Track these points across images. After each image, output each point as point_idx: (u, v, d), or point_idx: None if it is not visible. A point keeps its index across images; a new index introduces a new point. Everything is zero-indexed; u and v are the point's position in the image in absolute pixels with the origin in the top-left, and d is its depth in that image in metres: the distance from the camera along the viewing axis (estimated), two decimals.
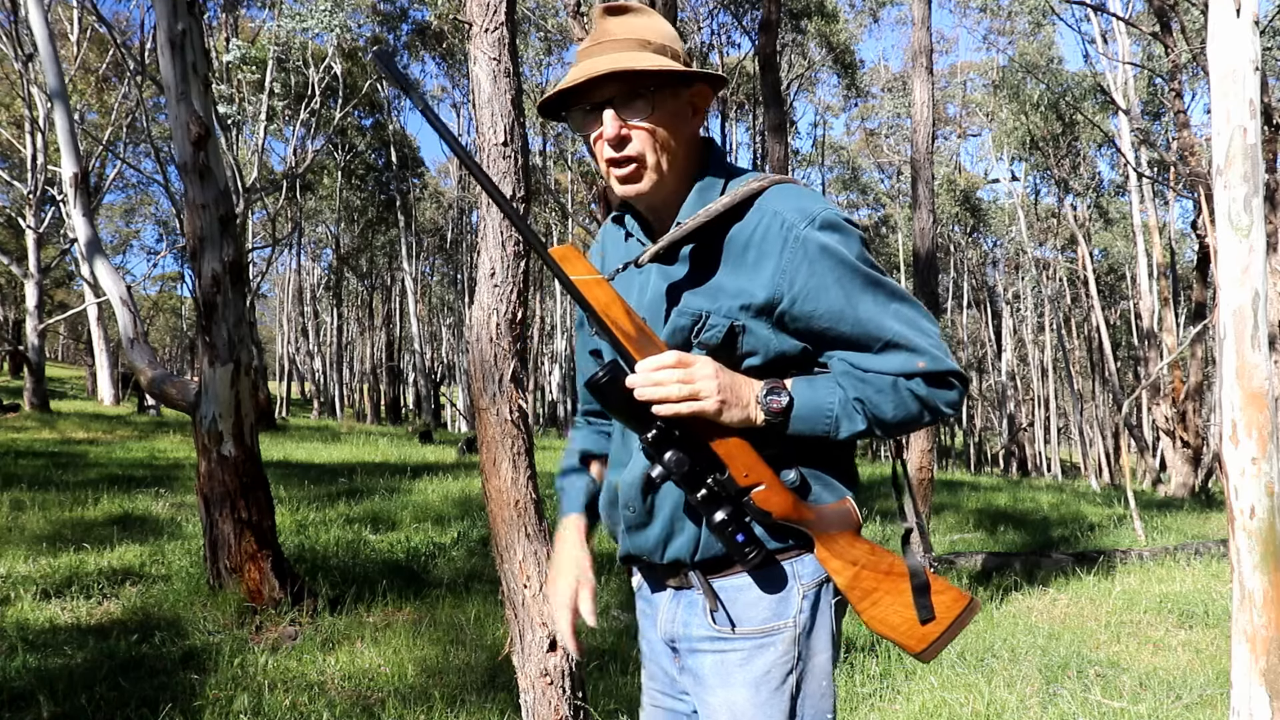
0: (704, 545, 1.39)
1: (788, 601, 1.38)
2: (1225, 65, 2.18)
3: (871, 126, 42.01)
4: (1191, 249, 26.56)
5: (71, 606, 4.73)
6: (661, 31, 1.39)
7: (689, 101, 1.41)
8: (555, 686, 2.69)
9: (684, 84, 1.39)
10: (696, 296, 1.37)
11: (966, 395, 1.38)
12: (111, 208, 38.68)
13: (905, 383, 1.33)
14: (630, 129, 1.36)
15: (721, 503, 1.33)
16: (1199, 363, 17.18)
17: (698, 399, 1.28)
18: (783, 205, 1.35)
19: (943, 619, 1.38)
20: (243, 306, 4.91)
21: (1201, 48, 11.85)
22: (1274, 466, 2.15)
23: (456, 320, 37.88)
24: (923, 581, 1.38)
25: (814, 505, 1.38)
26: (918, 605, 1.37)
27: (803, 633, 1.38)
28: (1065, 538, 8.29)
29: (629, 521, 1.46)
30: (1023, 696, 3.74)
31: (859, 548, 1.38)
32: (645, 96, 1.35)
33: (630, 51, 1.36)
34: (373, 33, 28.78)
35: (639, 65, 1.33)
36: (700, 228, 1.37)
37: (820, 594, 1.40)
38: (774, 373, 1.36)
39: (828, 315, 1.33)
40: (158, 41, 4.87)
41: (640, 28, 1.39)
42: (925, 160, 7.06)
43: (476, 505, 7.89)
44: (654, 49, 1.37)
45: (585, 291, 1.32)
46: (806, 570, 1.39)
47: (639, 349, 1.31)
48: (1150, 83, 21.76)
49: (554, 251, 1.36)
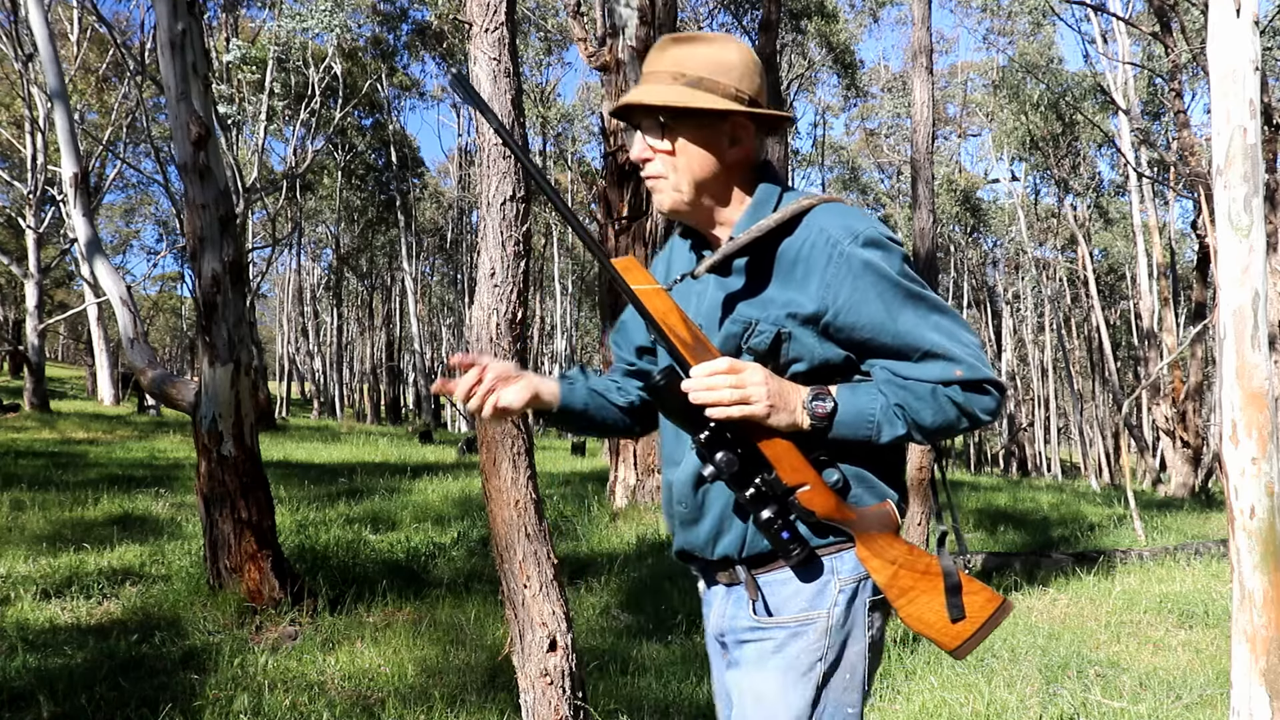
0: (750, 543, 1.48)
1: (824, 595, 1.46)
2: (1225, 65, 2.18)
3: (871, 126, 42.01)
4: (1191, 249, 26.57)
5: (71, 606, 4.73)
6: (706, 63, 1.49)
7: (726, 132, 1.50)
8: (555, 686, 2.69)
9: (717, 117, 1.49)
10: (748, 306, 1.47)
11: (1004, 402, 1.45)
12: (111, 208, 38.70)
13: (944, 390, 1.41)
14: (655, 152, 1.50)
15: (768, 501, 1.41)
16: (1199, 363, 17.19)
17: (748, 403, 1.37)
18: (829, 222, 1.45)
19: (975, 618, 1.46)
20: (243, 306, 4.91)
21: (1201, 48, 11.85)
22: (1274, 466, 2.15)
23: (456, 320, 37.87)
24: (955, 582, 1.46)
25: (855, 506, 1.46)
26: (950, 605, 1.45)
27: (835, 625, 1.46)
28: (1065, 538, 8.29)
29: (681, 517, 1.55)
30: (1023, 696, 3.74)
31: (898, 548, 1.46)
32: (661, 126, 1.49)
33: (660, 85, 1.49)
34: (373, 33, 28.78)
35: (648, 99, 1.47)
36: (752, 242, 1.47)
37: (857, 590, 1.47)
38: (819, 379, 1.45)
39: (869, 327, 1.42)
40: (158, 41, 4.87)
41: (683, 59, 1.50)
42: (925, 160, 7.06)
43: (476, 505, 7.89)
44: (686, 81, 1.48)
45: (645, 300, 1.43)
46: (846, 567, 1.47)
47: (694, 355, 1.41)
48: (1150, 83, 21.76)
49: (616, 262, 1.47)
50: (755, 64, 1.53)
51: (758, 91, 1.52)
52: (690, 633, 4.61)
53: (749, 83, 1.51)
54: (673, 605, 4.95)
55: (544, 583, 2.74)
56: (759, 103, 1.52)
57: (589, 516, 7.67)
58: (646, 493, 7.99)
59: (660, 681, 3.82)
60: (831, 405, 1.40)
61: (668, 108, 1.48)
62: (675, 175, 1.51)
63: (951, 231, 36.38)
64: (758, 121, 1.53)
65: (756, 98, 1.51)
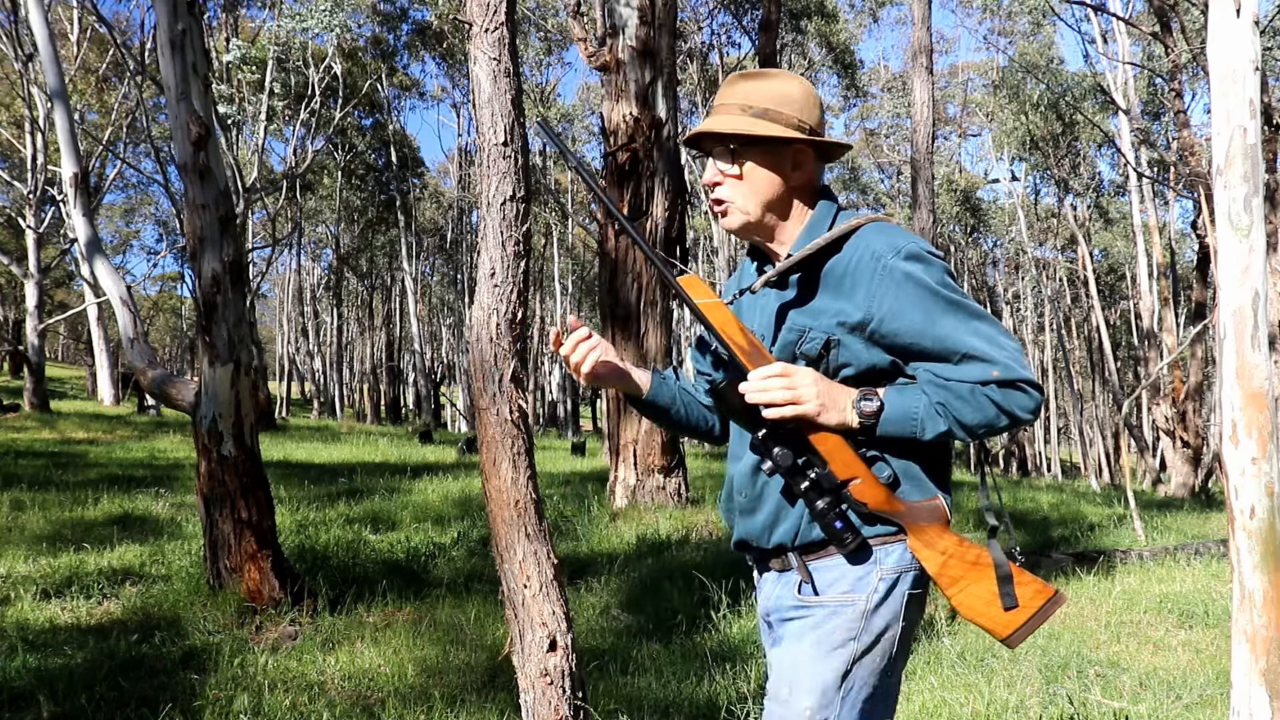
0: (803, 532, 1.61)
1: (866, 580, 1.57)
2: (1225, 65, 2.18)
3: (871, 126, 42.00)
4: (1191, 249, 26.56)
5: (71, 606, 4.73)
6: (771, 95, 1.66)
7: (789, 158, 1.67)
8: (555, 686, 2.69)
9: (780, 143, 1.66)
10: (800, 315, 1.62)
11: (1043, 402, 1.55)
12: (111, 208, 38.71)
13: (983, 389, 1.52)
14: (725, 176, 1.68)
15: (823, 493, 1.55)
16: (1199, 363, 17.18)
17: (799, 403, 1.53)
18: (875, 239, 1.59)
19: (1026, 607, 1.56)
20: (243, 306, 4.90)
21: (1201, 48, 11.85)
22: (1274, 466, 2.15)
23: (456, 320, 37.88)
24: (1006, 573, 1.56)
25: (905, 500, 1.58)
26: (1002, 594, 1.55)
27: (871, 609, 1.57)
28: (1065, 538, 8.29)
29: (741, 508, 1.70)
30: (1023, 696, 3.74)
31: (947, 539, 1.58)
32: (731, 152, 1.67)
33: (729, 115, 1.67)
34: (373, 33, 28.78)
35: (719, 128, 1.65)
36: (806, 258, 1.62)
37: (898, 581, 1.58)
38: (868, 382, 1.58)
39: (910, 333, 1.54)
40: (158, 41, 4.87)
41: (749, 92, 1.67)
42: (925, 160, 7.07)
43: (476, 505, 7.89)
44: (754, 113, 1.65)
45: (707, 314, 1.60)
46: (890, 558, 1.58)
47: (751, 360, 1.58)
48: (1150, 83, 21.76)
49: (681, 280, 1.65)
50: (815, 97, 1.71)
51: (818, 122, 1.69)
52: (690, 633, 4.61)
53: (809, 114, 1.67)
54: (673, 605, 4.95)
55: (544, 583, 2.74)
56: (818, 132, 1.69)
57: (589, 516, 7.67)
58: (646, 493, 7.99)
59: (660, 681, 3.82)
60: (878, 404, 1.53)
61: (737, 135, 1.65)
62: (742, 199, 1.67)
63: (951, 231, 36.37)
64: (817, 148, 1.69)
65: (816, 128, 1.68)
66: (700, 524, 7.21)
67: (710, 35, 29.02)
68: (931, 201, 11.81)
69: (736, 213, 1.69)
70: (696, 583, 5.14)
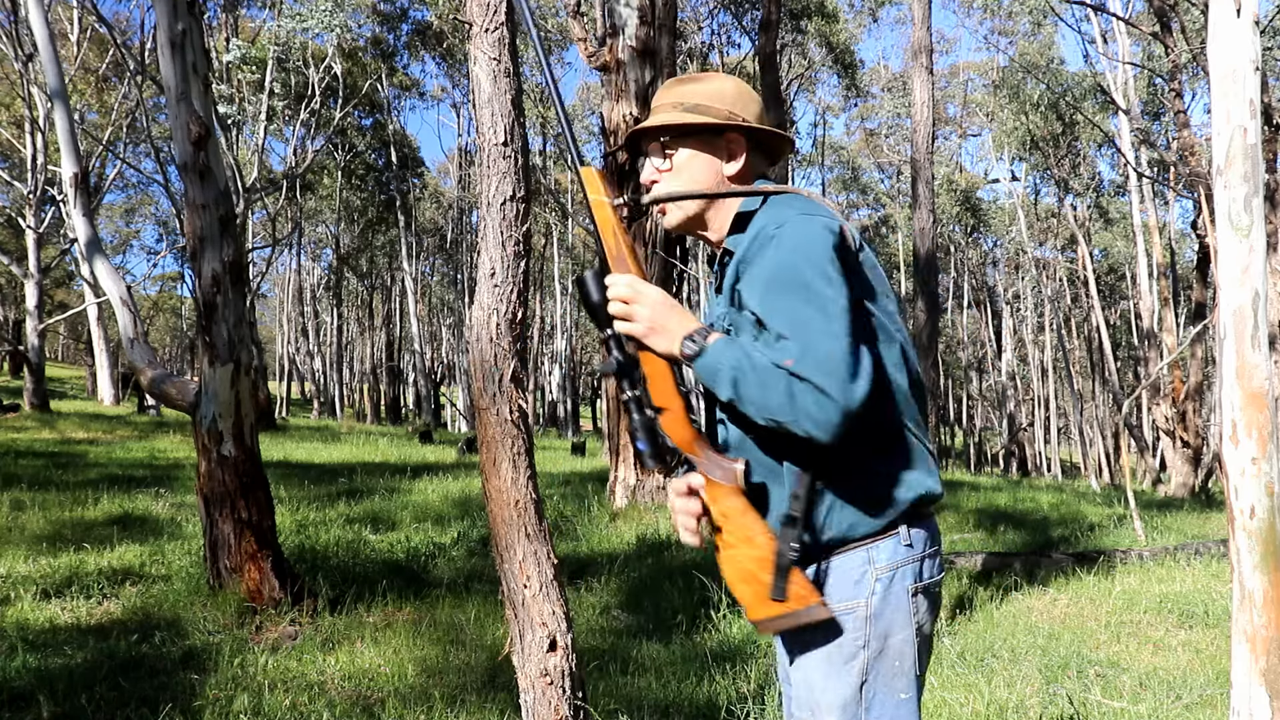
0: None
1: (862, 584, 1.52)
2: (1225, 65, 2.18)
3: (871, 126, 42.01)
4: (1191, 249, 26.56)
5: (71, 606, 4.73)
6: (703, 93, 1.67)
7: (723, 149, 1.67)
8: (555, 686, 2.69)
9: (712, 134, 1.66)
10: (720, 302, 1.62)
11: (840, 423, 1.37)
12: (111, 208, 38.71)
13: (776, 373, 1.41)
14: (659, 174, 1.69)
15: (641, 410, 1.55)
16: (1199, 363, 17.18)
17: (628, 319, 1.55)
18: (766, 214, 1.57)
19: (791, 603, 1.49)
20: (243, 306, 4.90)
21: (1201, 48, 11.85)
22: (1274, 466, 2.15)
23: (456, 320, 37.88)
24: (785, 565, 1.49)
25: (709, 450, 1.54)
26: (774, 585, 1.49)
27: (874, 613, 1.51)
28: (1065, 538, 8.29)
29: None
30: (1023, 696, 3.74)
31: (732, 502, 1.52)
32: (662, 146, 1.68)
33: (663, 114, 1.67)
34: (373, 33, 28.78)
35: (649, 124, 1.67)
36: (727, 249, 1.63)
37: (894, 578, 1.53)
38: None
39: (753, 303, 1.50)
40: (158, 41, 4.87)
41: (684, 93, 1.68)
42: (925, 160, 7.07)
43: (476, 505, 7.89)
44: (685, 108, 1.66)
45: (595, 209, 1.63)
46: (882, 556, 1.53)
47: (615, 265, 1.61)
48: (1150, 83, 21.76)
49: (583, 171, 1.68)
50: (751, 94, 1.69)
51: (755, 117, 1.67)
52: (690, 633, 4.61)
53: (743, 107, 1.66)
54: (673, 605, 4.95)
55: (544, 583, 2.74)
56: (754, 124, 1.66)
57: (589, 516, 7.67)
58: (646, 493, 7.99)
59: (660, 681, 3.82)
60: (697, 350, 1.50)
61: (668, 127, 1.66)
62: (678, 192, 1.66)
63: (951, 231, 36.37)
64: (753, 141, 1.67)
65: (753, 122, 1.66)
66: None
67: (710, 35, 29.02)
68: (931, 201, 11.81)
69: (673, 210, 1.68)
70: (696, 583, 5.14)
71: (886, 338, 1.55)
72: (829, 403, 1.37)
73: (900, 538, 1.53)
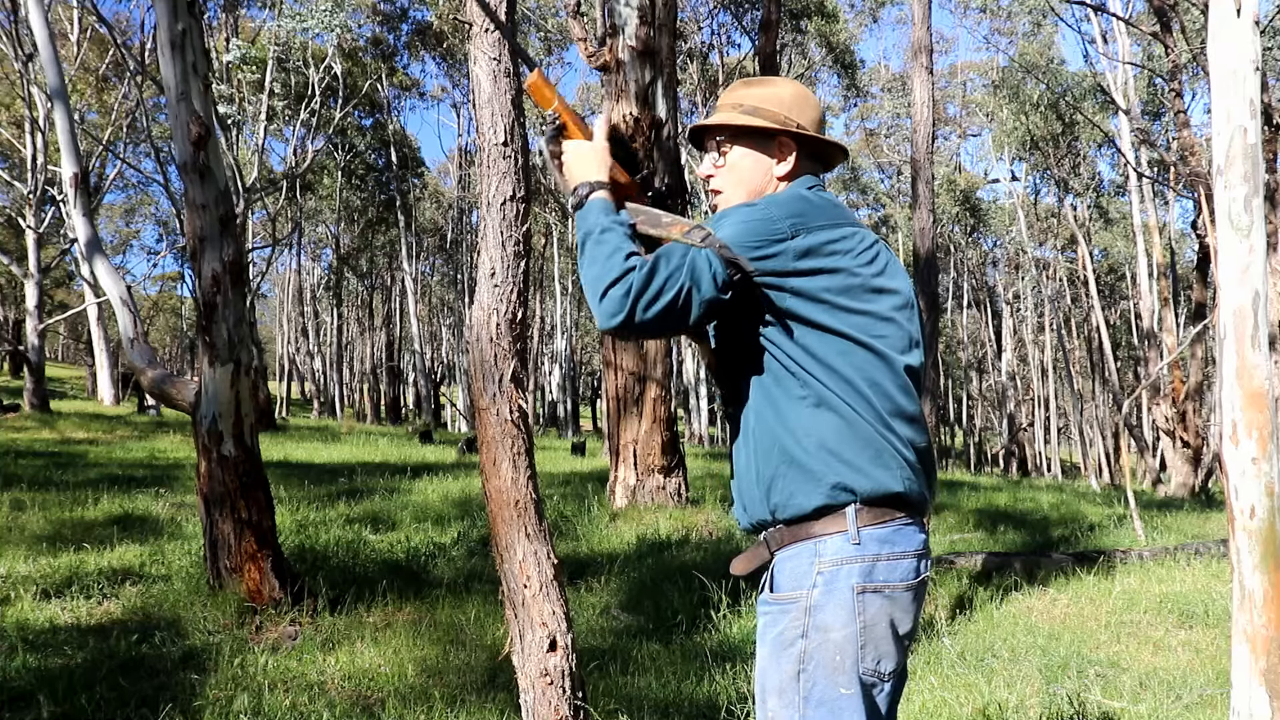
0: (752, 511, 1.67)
1: (807, 575, 1.56)
2: (1225, 65, 2.18)
3: (871, 126, 42.01)
4: (1191, 249, 26.56)
5: (71, 606, 4.73)
6: (762, 96, 1.80)
7: (774, 150, 1.79)
8: (555, 686, 2.69)
9: (766, 136, 1.78)
10: None
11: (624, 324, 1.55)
12: (111, 208, 38.74)
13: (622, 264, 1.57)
14: (715, 169, 1.82)
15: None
16: (1199, 363, 17.17)
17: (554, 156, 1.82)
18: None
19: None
20: (243, 306, 4.90)
21: (1201, 48, 11.85)
22: (1274, 466, 2.15)
23: (456, 320, 37.87)
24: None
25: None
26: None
27: (814, 605, 1.55)
28: (1065, 538, 8.28)
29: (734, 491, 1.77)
30: (1023, 696, 3.74)
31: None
32: (718, 144, 1.81)
33: (723, 114, 1.81)
34: (373, 33, 28.78)
35: (708, 121, 1.81)
36: None
37: (838, 575, 1.55)
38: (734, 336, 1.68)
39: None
40: (158, 41, 4.87)
41: (745, 95, 1.81)
42: (925, 160, 7.07)
43: (476, 505, 7.89)
44: (743, 110, 1.79)
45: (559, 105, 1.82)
46: (827, 551, 1.56)
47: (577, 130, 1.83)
48: (1150, 83, 21.76)
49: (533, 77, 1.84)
50: (810, 99, 1.81)
51: (810, 122, 1.79)
52: (690, 633, 4.61)
53: (799, 113, 1.78)
54: (673, 605, 4.95)
55: (544, 583, 2.74)
56: (809, 131, 1.78)
57: (589, 516, 7.67)
58: (646, 493, 7.99)
59: (660, 681, 3.82)
60: (576, 201, 1.71)
61: (725, 126, 1.80)
62: (729, 187, 1.80)
63: (951, 231, 36.38)
64: (806, 147, 1.79)
65: (807, 126, 1.78)
66: (700, 524, 7.21)
67: (710, 35, 29.02)
68: (931, 201, 11.81)
69: (724, 202, 1.80)
70: (696, 583, 5.14)
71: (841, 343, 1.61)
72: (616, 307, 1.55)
73: (849, 535, 1.55)
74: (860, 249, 1.65)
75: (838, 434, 1.57)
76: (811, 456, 1.57)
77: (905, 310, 1.67)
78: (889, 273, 1.68)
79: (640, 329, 1.55)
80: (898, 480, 1.58)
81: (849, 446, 1.56)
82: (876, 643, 1.54)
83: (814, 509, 1.57)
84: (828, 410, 1.58)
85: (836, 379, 1.58)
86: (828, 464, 1.56)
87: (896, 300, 1.66)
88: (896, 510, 1.59)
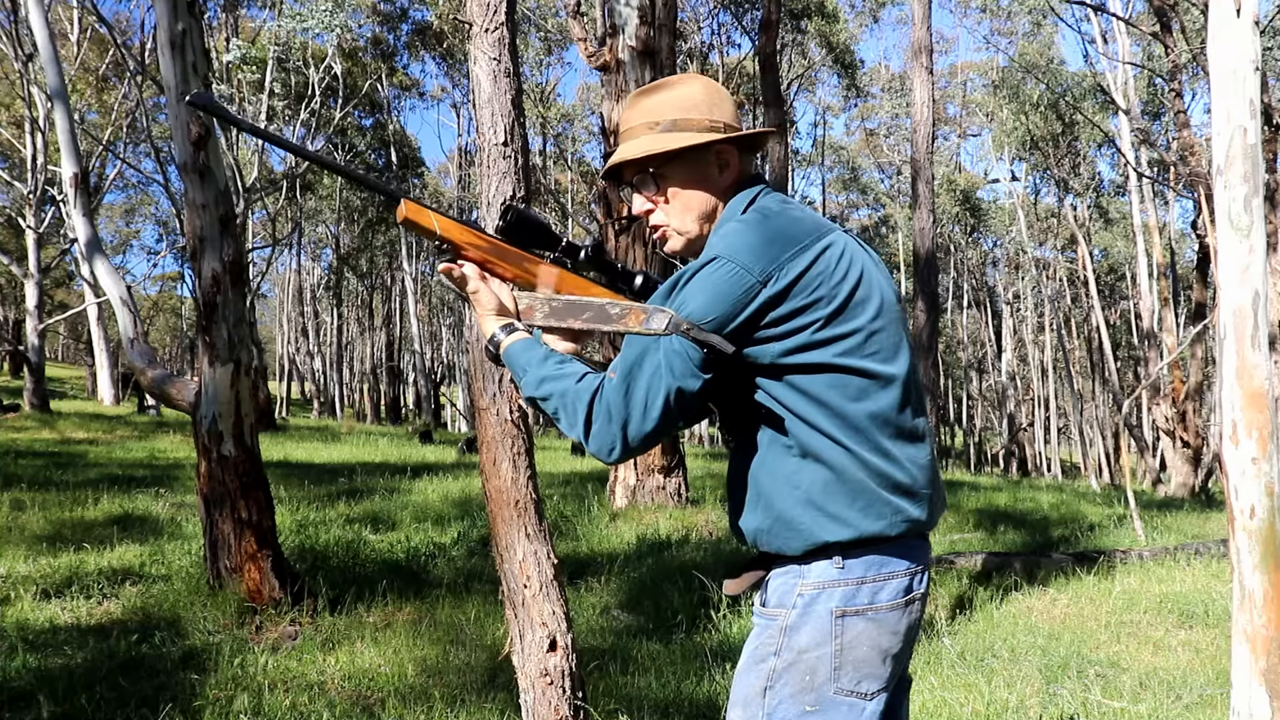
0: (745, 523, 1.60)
1: (789, 594, 1.54)
2: (1225, 65, 2.18)
3: (871, 126, 42.02)
4: (1191, 249, 26.55)
5: (71, 606, 4.73)
6: (675, 104, 1.59)
7: (713, 162, 1.60)
8: (555, 686, 2.69)
9: (702, 149, 1.58)
10: None
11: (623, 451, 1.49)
12: (111, 208, 38.71)
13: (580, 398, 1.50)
14: (653, 203, 1.62)
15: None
16: (1199, 363, 17.17)
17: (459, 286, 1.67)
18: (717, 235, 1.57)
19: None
20: (243, 306, 4.90)
21: (1201, 48, 11.85)
22: (1274, 466, 2.15)
23: (456, 320, 37.87)
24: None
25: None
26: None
27: (790, 625, 1.52)
28: (1065, 538, 8.28)
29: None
30: (1023, 696, 3.74)
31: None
32: (651, 176, 1.60)
33: (636, 139, 1.59)
34: (373, 33, 28.78)
35: (631, 155, 1.57)
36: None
37: (818, 598, 1.52)
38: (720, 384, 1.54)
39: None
40: (158, 41, 4.87)
41: (653, 107, 1.60)
42: (925, 160, 7.07)
43: (476, 505, 7.89)
44: (662, 128, 1.58)
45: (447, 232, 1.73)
46: (811, 574, 1.53)
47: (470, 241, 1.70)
48: (1150, 83, 21.75)
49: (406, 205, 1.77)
50: (721, 92, 1.63)
51: (731, 116, 1.62)
52: (690, 632, 4.61)
53: (719, 110, 1.60)
54: (673, 605, 4.95)
55: (544, 583, 2.75)
56: (734, 126, 1.61)
57: (589, 516, 7.67)
58: (646, 493, 7.99)
59: (660, 681, 3.82)
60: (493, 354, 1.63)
61: (652, 157, 1.58)
62: (678, 219, 1.62)
63: (951, 231, 36.38)
64: (739, 142, 1.61)
65: (731, 122, 1.61)
66: (700, 524, 7.21)
67: (710, 35, 29.02)
68: (931, 201, 11.82)
69: (674, 236, 1.64)
70: (696, 583, 5.14)
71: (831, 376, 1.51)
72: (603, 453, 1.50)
73: (833, 561, 1.51)
74: (833, 264, 1.50)
75: (824, 487, 1.50)
76: (796, 510, 1.51)
77: (888, 312, 1.56)
78: (865, 278, 1.54)
79: (644, 444, 1.47)
80: (890, 527, 1.52)
81: (835, 499, 1.50)
82: (856, 664, 1.50)
83: (802, 554, 1.54)
84: (814, 461, 1.50)
85: (830, 417, 1.49)
86: (814, 520, 1.50)
87: (878, 304, 1.54)
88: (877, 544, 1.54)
